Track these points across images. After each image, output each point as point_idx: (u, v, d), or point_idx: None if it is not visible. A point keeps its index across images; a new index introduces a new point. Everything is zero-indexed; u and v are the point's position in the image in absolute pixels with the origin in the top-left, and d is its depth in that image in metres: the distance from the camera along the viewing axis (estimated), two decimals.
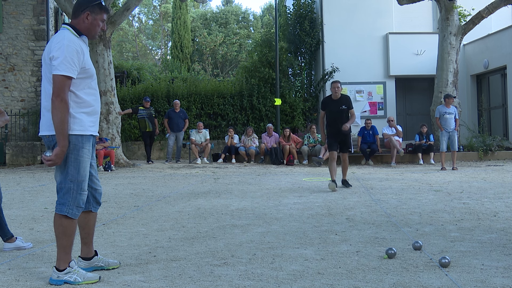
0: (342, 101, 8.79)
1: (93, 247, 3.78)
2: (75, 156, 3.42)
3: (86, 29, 3.51)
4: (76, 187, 3.43)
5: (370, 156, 14.61)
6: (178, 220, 5.91)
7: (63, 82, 3.29)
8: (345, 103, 8.78)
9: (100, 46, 13.89)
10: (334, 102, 8.81)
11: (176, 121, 15.40)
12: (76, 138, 3.41)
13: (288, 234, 4.98)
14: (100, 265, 3.73)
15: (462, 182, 9.28)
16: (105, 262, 3.75)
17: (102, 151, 13.25)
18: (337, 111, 8.76)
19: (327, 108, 8.91)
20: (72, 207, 3.43)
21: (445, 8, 15.46)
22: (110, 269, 3.73)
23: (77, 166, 3.43)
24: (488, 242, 4.45)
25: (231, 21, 37.48)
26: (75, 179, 3.42)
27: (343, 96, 8.86)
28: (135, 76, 18.95)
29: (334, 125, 8.78)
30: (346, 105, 8.77)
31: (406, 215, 5.96)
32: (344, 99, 8.82)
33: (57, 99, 3.28)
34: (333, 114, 8.82)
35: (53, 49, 3.35)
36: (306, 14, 18.93)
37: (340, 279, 3.44)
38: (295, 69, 19.18)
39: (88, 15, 3.49)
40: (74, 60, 3.32)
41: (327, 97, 9.04)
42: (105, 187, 9.31)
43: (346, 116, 8.77)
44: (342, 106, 8.73)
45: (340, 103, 8.77)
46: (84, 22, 3.49)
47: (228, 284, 3.36)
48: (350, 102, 8.89)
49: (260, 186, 9.17)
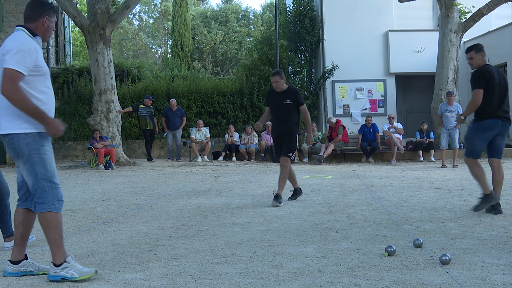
0: (287, 94, 6.88)
1: (25, 250, 3.66)
2: (38, 155, 3.47)
3: (43, 32, 3.62)
4: (49, 183, 3.48)
5: (370, 154, 14.60)
6: (178, 218, 5.91)
7: (12, 75, 3.34)
8: (291, 96, 6.86)
9: (100, 44, 13.88)
10: (278, 94, 6.94)
11: (173, 120, 15.48)
12: (33, 137, 3.45)
13: (289, 232, 4.98)
14: (30, 269, 3.60)
15: (462, 180, 9.27)
16: (35, 267, 3.62)
17: (103, 149, 13.25)
18: (280, 107, 6.90)
19: (270, 103, 7.12)
20: (53, 201, 3.48)
21: (445, 6, 15.43)
22: (40, 274, 3.59)
23: (43, 163, 3.48)
24: (489, 240, 4.45)
25: (231, 19, 37.44)
26: (45, 176, 3.48)
27: (289, 88, 6.99)
28: (135, 74, 18.92)
29: (278, 125, 7.02)
30: (292, 99, 6.85)
31: (406, 212, 5.96)
32: (290, 92, 6.92)
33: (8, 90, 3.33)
34: (276, 111, 6.99)
35: (6, 46, 3.44)
36: (306, 12, 18.90)
37: (340, 276, 3.44)
38: (295, 67, 19.16)
39: (47, 19, 3.60)
40: (26, 58, 3.39)
41: (271, 90, 7.19)
42: (105, 186, 9.32)
43: (294, 113, 6.92)
44: (287, 101, 6.83)
45: (284, 96, 6.87)
46: (43, 26, 3.60)
47: (228, 282, 3.36)
48: (298, 96, 6.92)
49: (260, 184, 9.17)
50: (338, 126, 14.75)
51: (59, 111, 17.04)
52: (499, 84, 5.70)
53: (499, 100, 5.71)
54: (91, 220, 5.89)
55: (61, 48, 20.21)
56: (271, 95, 7.08)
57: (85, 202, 7.35)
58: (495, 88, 5.66)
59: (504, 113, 5.76)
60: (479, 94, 5.63)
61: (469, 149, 5.89)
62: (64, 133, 17.81)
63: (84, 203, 7.25)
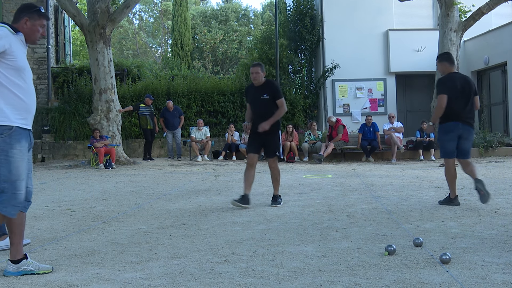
0: (264, 88, 6.60)
1: (22, 249, 3.67)
2: (5, 157, 3.50)
3: (26, 34, 3.70)
4: (10, 186, 3.50)
5: (370, 153, 14.60)
6: (178, 217, 5.92)
7: None
8: (268, 90, 6.58)
9: (100, 43, 13.87)
10: (255, 89, 6.69)
11: (171, 120, 15.51)
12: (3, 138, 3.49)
13: (289, 231, 4.98)
14: (30, 269, 3.60)
15: (462, 179, 9.26)
16: (35, 266, 3.63)
17: (103, 149, 13.25)
18: (258, 102, 6.63)
19: (248, 98, 6.90)
20: (7, 205, 3.50)
21: (445, 5, 15.42)
22: (41, 273, 3.60)
23: (8, 166, 3.50)
24: (489, 239, 4.45)
25: (231, 18, 37.43)
26: (7, 179, 3.50)
27: (267, 82, 6.70)
28: (135, 74, 18.92)
29: (256, 121, 6.68)
30: (270, 93, 6.56)
31: (406, 211, 5.96)
32: (267, 86, 6.63)
33: None
34: (254, 106, 6.72)
35: None
36: (306, 11, 18.90)
37: (340, 276, 3.44)
38: (295, 66, 19.16)
39: (27, 21, 3.68)
40: None
41: (250, 84, 6.95)
42: (105, 185, 9.32)
43: (273, 109, 6.60)
44: (264, 95, 6.55)
45: (261, 91, 6.60)
46: (23, 28, 3.69)
47: (229, 281, 3.36)
48: (276, 90, 6.63)
49: (260, 183, 9.16)
50: (338, 125, 14.75)
51: (59, 110, 17.07)
52: (461, 90, 6.12)
53: (460, 105, 6.13)
54: (91, 219, 5.89)
55: (61, 47, 20.22)
56: (249, 90, 6.85)
57: (85, 202, 7.35)
58: (456, 94, 6.09)
59: (466, 117, 6.19)
60: (443, 99, 6.09)
61: (442, 151, 6.37)
62: (64, 132, 17.87)
63: (84, 203, 7.25)
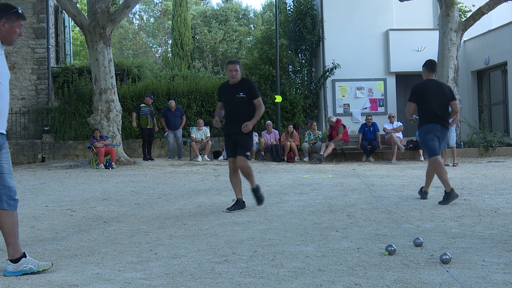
0: (240, 87, 6.28)
1: (19, 247, 3.66)
2: None
3: (3, 36, 3.68)
4: None
5: (370, 153, 14.60)
6: (179, 217, 5.92)
7: None
8: (244, 89, 6.27)
9: (100, 44, 13.87)
10: (230, 88, 6.37)
11: (173, 120, 15.54)
12: None
13: (289, 231, 4.98)
14: (30, 267, 3.59)
15: (463, 179, 9.27)
16: (34, 263, 3.61)
17: (103, 149, 13.26)
18: (232, 101, 6.30)
19: (222, 97, 6.55)
20: None
21: (446, 4, 15.42)
22: (41, 271, 3.60)
23: None
24: (489, 239, 4.45)
25: (231, 18, 37.42)
26: None
27: (243, 80, 6.40)
28: (136, 74, 18.92)
29: (231, 122, 6.37)
30: (246, 92, 6.26)
31: (407, 211, 5.96)
32: (243, 84, 6.33)
33: None
34: (228, 105, 6.38)
35: None
36: (306, 11, 18.90)
37: (341, 276, 3.44)
38: (296, 66, 19.16)
39: (5, 23, 3.66)
40: None
41: (224, 82, 6.66)
42: (106, 185, 9.32)
43: (249, 109, 6.30)
44: (240, 94, 6.24)
45: (237, 89, 6.28)
46: (1, 30, 3.66)
47: (229, 281, 3.36)
48: (253, 89, 6.32)
49: (260, 183, 9.13)
50: (338, 125, 14.75)
51: (59, 110, 17.07)
52: (435, 96, 6.62)
53: (435, 109, 6.60)
54: (92, 220, 5.89)
55: (61, 47, 20.22)
56: (224, 88, 6.52)
57: (85, 202, 7.35)
58: (429, 100, 6.62)
59: (442, 120, 6.65)
60: (410, 107, 6.75)
61: (428, 151, 6.82)
62: (65, 132, 17.89)
63: (85, 203, 7.25)
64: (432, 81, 6.84)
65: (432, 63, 6.97)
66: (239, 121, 6.22)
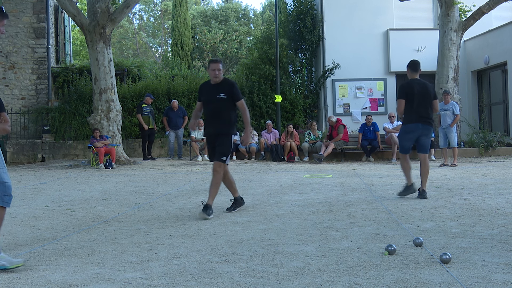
0: (221, 87, 6.05)
1: None
2: None
3: None
4: None
5: (371, 153, 14.60)
6: (179, 217, 5.92)
7: None
8: (226, 90, 6.04)
9: (100, 43, 13.87)
10: (211, 88, 6.15)
11: (175, 120, 15.54)
12: None
13: (289, 231, 4.98)
14: (2, 263, 3.57)
15: (463, 179, 9.27)
16: (7, 260, 3.60)
17: (103, 148, 13.26)
18: (212, 101, 6.07)
19: (202, 97, 6.28)
20: None
21: (446, 4, 15.42)
22: (13, 267, 3.58)
23: None
24: (489, 238, 4.45)
25: (231, 18, 37.42)
26: None
27: (225, 81, 6.16)
28: (136, 73, 18.92)
29: (210, 123, 6.18)
30: (228, 93, 6.02)
31: (407, 211, 5.96)
32: (225, 85, 6.09)
33: None
34: (208, 106, 6.14)
35: None
36: (306, 11, 18.90)
37: (341, 275, 3.44)
38: (296, 66, 19.15)
39: None
40: None
41: (204, 82, 6.44)
42: (106, 185, 9.32)
43: (229, 110, 6.08)
44: (220, 95, 6.00)
45: (218, 89, 6.05)
46: None
47: (229, 281, 3.36)
48: (236, 90, 6.08)
49: (261, 183, 9.17)
50: (338, 125, 14.74)
51: (59, 110, 17.07)
52: (419, 95, 6.91)
53: (419, 108, 6.90)
54: (92, 219, 5.89)
55: (61, 47, 20.22)
56: (204, 87, 6.28)
57: (85, 201, 7.35)
58: (414, 98, 6.90)
59: (424, 118, 6.95)
60: (400, 103, 7.02)
61: (400, 147, 7.29)
62: (65, 132, 17.89)
63: (85, 202, 7.25)
64: (416, 80, 7.10)
65: (415, 64, 7.19)
66: (218, 122, 6.07)
